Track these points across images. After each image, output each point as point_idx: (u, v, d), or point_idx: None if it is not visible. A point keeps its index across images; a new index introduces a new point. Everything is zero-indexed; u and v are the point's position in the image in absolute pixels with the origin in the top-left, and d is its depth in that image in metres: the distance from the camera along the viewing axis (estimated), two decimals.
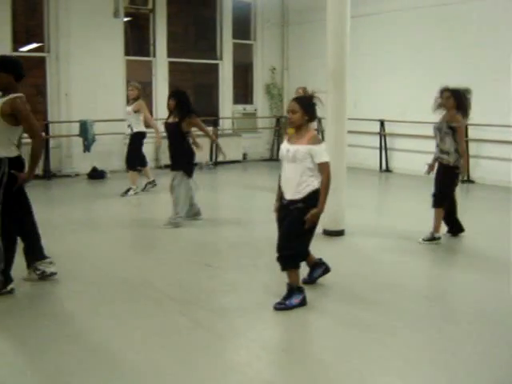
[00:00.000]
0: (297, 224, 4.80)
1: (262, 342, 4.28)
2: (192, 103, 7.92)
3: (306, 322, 4.72)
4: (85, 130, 11.81)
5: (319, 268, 5.48)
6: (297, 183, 4.84)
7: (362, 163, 12.83)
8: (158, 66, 14.00)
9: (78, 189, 11.01)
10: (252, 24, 15.65)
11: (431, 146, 7.33)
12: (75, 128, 12.13)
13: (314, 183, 4.84)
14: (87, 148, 11.88)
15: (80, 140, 11.91)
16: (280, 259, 4.86)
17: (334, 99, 7.22)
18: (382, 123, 12.90)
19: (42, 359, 3.97)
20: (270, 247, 5.14)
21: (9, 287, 5.17)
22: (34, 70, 13.16)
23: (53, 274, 5.56)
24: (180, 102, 7.69)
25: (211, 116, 14.65)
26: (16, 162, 5.14)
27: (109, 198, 10.16)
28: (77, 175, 12.34)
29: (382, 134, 12.94)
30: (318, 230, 7.17)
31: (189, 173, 7.78)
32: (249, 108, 15.69)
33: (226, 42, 15.08)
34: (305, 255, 5.10)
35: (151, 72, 14.05)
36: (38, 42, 12.94)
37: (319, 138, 5.05)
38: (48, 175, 12.04)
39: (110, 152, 12.59)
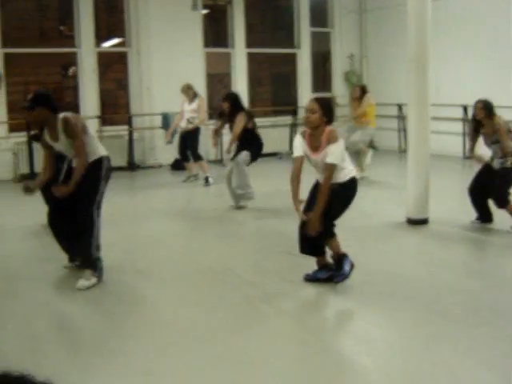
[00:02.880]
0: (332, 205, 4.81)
1: (355, 333, 4.28)
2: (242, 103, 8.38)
3: (387, 312, 4.67)
4: (166, 123, 12.05)
5: (326, 272, 5.13)
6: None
7: (444, 150, 12.54)
8: (237, 57, 14.11)
9: (160, 179, 11.25)
10: (329, 11, 15.52)
11: None
12: (157, 120, 12.41)
13: (351, 172, 4.93)
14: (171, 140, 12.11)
15: (162, 132, 12.15)
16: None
17: (416, 85, 7.09)
18: (465, 109, 12.55)
19: (137, 343, 4.11)
20: (353, 235, 5.12)
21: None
22: (116, 65, 13.53)
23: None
24: (233, 103, 8.13)
25: (290, 105, 14.66)
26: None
27: (189, 187, 10.38)
28: (160, 166, 12.62)
29: (465, 120, 12.61)
30: (401, 218, 7.20)
31: (254, 157, 8.13)
32: (327, 96, 15.59)
33: (304, 31, 15.02)
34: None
35: (230, 63, 14.18)
36: (119, 37, 13.29)
37: (336, 134, 4.88)
38: (132, 167, 12.39)
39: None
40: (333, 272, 5.06)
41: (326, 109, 4.86)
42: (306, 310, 4.76)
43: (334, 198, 4.78)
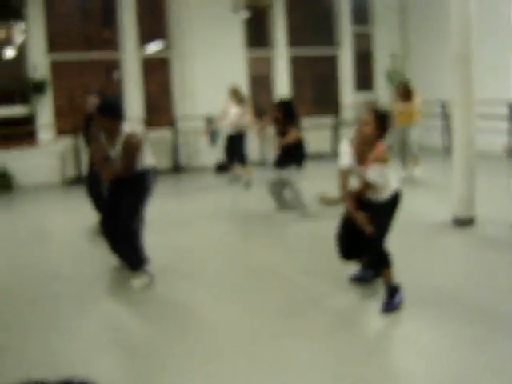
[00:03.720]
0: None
1: (401, 335, 4.26)
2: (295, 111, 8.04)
3: (434, 314, 4.63)
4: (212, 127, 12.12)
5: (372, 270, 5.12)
6: (373, 191, 4.72)
7: (489, 148, 12.35)
8: (278, 59, 14.13)
9: (205, 181, 11.34)
10: (371, 10, 15.42)
11: None
12: (201, 123, 12.51)
13: (395, 189, 4.73)
14: (213, 142, 12.20)
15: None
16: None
17: (460, 83, 7.01)
18: (510, 106, 12.33)
19: (184, 346, 4.17)
20: (399, 235, 5.08)
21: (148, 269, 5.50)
22: (159, 68, 13.69)
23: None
24: (285, 112, 7.86)
25: (332, 106, 14.61)
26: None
27: (234, 190, 10.46)
28: (205, 168, 12.72)
29: (511, 117, 12.38)
30: (447, 217, 7.12)
31: (300, 164, 7.89)
32: (370, 96, 15.48)
33: (345, 31, 14.95)
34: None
35: (271, 65, 14.20)
36: (161, 41, 13.44)
37: (387, 155, 4.63)
38: (177, 169, 12.54)
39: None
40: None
41: (381, 121, 4.61)
42: (352, 312, 4.76)
43: (377, 213, 4.68)
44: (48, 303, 5.13)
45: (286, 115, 7.82)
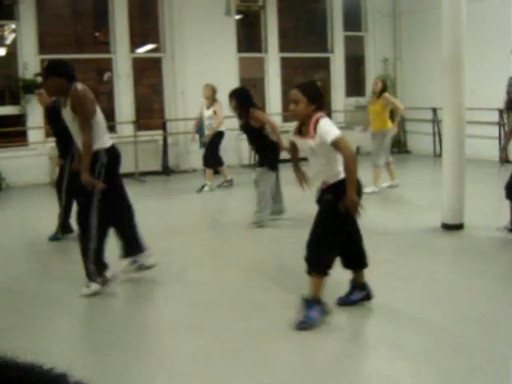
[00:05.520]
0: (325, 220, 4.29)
1: (388, 338, 4.25)
2: (252, 98, 7.82)
3: (422, 318, 4.63)
4: (200, 127, 12.09)
5: (359, 291, 4.72)
6: (327, 169, 4.29)
7: (479, 154, 12.38)
8: (270, 62, 14.14)
9: (195, 184, 11.29)
10: (363, 15, 15.46)
11: None
12: (191, 125, 12.47)
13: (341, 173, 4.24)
14: (203, 144, 12.17)
15: (196, 137, 12.21)
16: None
17: (451, 88, 7.03)
18: (500, 112, 12.38)
19: (170, 344, 4.14)
20: (387, 240, 5.08)
21: (107, 274, 5.26)
22: (151, 71, 13.67)
23: (151, 266, 5.58)
24: (239, 100, 7.62)
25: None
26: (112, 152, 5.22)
27: (223, 192, 10.45)
28: (194, 171, 12.70)
29: (502, 124, 12.43)
30: (436, 223, 7.13)
31: (272, 167, 7.62)
32: (361, 100, 15.50)
33: (337, 35, 14.98)
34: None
35: (263, 68, 14.21)
36: (153, 43, 13.43)
37: (320, 117, 4.23)
38: (167, 171, 12.50)
39: (225, 148, 12.84)
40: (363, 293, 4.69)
41: (312, 94, 4.27)
42: (339, 315, 4.74)
43: (323, 207, 4.32)
44: (30, 302, 5.10)
45: (241, 104, 7.57)
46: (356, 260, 4.62)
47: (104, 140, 5.15)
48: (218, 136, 10.56)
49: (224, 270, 5.95)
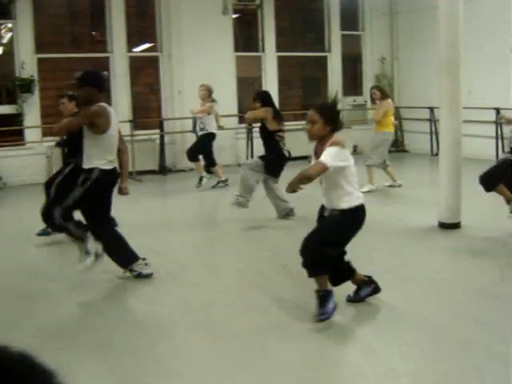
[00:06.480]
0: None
1: (386, 336, 4.25)
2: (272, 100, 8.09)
3: (419, 315, 4.64)
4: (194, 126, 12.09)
5: (367, 287, 4.80)
6: (332, 197, 4.40)
7: (476, 153, 12.40)
8: (267, 61, 14.13)
9: (191, 183, 11.28)
10: (360, 14, 15.46)
11: None
12: (188, 124, 12.45)
13: (357, 200, 4.39)
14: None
15: (193, 136, 12.20)
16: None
17: (448, 88, 7.04)
18: (497, 111, 12.38)
19: (167, 344, 4.14)
20: (384, 239, 5.07)
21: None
22: (147, 70, 13.65)
23: (148, 275, 5.57)
24: (262, 102, 7.84)
25: None
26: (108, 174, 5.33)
27: (217, 190, 10.43)
28: (191, 170, 12.66)
29: (498, 123, 12.43)
30: (433, 222, 7.14)
31: (276, 175, 7.70)
32: (359, 99, 15.51)
33: (334, 34, 14.98)
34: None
35: (260, 67, 14.20)
36: (150, 42, 13.42)
37: (338, 142, 4.29)
38: (164, 170, 12.49)
39: (222, 147, 12.83)
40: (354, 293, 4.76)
41: (328, 116, 4.34)
42: (337, 314, 4.73)
43: (333, 223, 4.42)
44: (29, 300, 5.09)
45: (263, 105, 7.80)
46: (344, 273, 4.67)
47: (106, 160, 5.26)
48: (209, 137, 10.53)
49: (221, 270, 5.95)
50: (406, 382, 3.58)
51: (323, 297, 4.40)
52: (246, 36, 14.59)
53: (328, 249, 4.29)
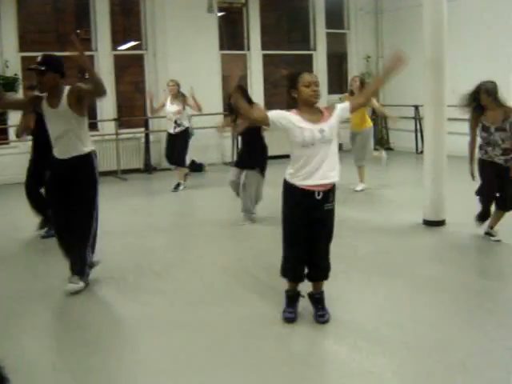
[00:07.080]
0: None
1: (370, 334, 4.27)
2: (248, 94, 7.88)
3: (404, 312, 4.66)
4: None
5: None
6: (332, 167, 4.30)
7: (460, 151, 12.42)
8: (253, 59, 14.13)
9: (176, 181, 11.27)
10: (345, 13, 15.49)
11: None
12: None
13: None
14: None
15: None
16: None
17: (432, 86, 7.07)
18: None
19: (152, 342, 4.13)
20: (370, 236, 5.08)
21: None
22: (132, 68, 13.61)
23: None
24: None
25: None
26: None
27: (206, 189, 10.45)
28: (176, 168, 12.62)
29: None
30: (418, 219, 7.18)
31: (263, 169, 7.67)
32: (344, 98, 15.51)
33: (320, 32, 15.00)
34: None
35: (246, 65, 14.19)
36: (135, 41, 13.37)
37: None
38: (148, 169, 12.45)
39: (208, 145, 12.85)
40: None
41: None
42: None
43: (331, 215, 4.38)
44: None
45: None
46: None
47: (90, 142, 5.19)
48: (186, 132, 10.28)
49: (205, 268, 5.93)
50: (390, 378, 3.59)
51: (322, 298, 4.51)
52: (232, 34, 14.56)
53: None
